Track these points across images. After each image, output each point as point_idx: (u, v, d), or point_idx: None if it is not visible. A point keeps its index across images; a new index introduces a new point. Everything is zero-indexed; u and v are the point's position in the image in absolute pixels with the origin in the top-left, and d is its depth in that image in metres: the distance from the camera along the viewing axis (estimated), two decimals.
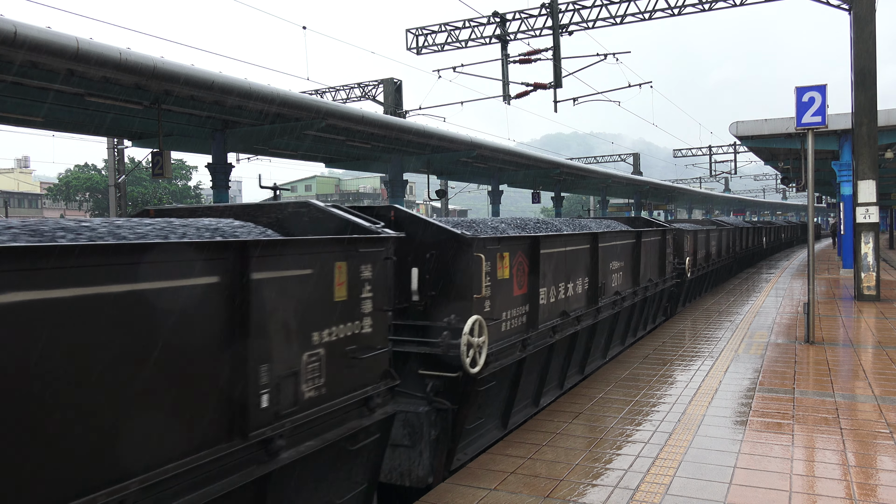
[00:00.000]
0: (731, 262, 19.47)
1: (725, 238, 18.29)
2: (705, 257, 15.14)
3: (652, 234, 10.15)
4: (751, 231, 24.32)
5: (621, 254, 8.57)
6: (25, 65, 10.42)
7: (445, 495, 4.19)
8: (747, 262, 24.17)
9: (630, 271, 8.97)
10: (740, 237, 21.13)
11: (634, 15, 20.01)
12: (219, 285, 2.73)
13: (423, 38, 23.02)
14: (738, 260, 21.17)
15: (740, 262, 21.89)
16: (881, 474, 4.44)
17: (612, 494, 4.15)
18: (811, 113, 9.12)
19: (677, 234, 12.50)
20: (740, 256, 21.23)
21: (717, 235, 16.88)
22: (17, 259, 2.05)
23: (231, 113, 14.96)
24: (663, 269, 10.76)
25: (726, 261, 18.48)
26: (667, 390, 6.65)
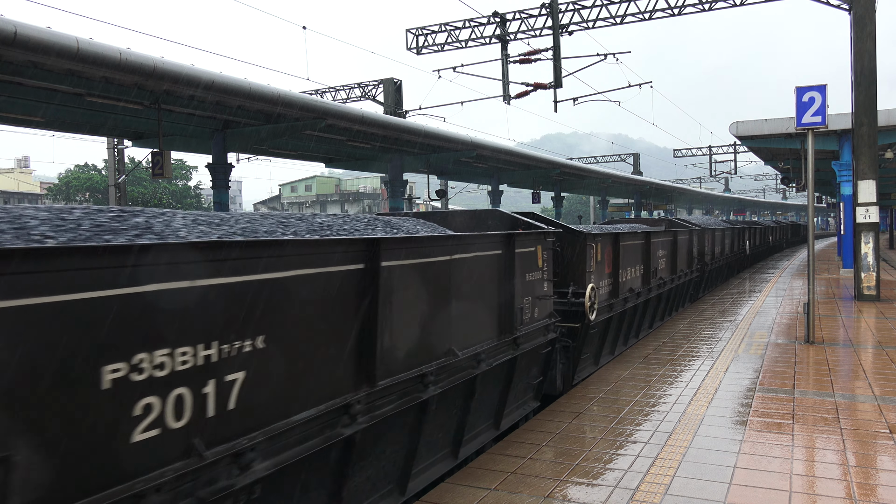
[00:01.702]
0: (690, 283, 13.43)
1: (685, 244, 12.87)
2: (638, 280, 9.61)
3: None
4: (726, 234, 18.38)
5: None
6: (25, 65, 10.42)
7: (445, 495, 4.19)
8: (722, 275, 18.29)
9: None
10: (708, 241, 15.39)
11: (634, 15, 20.01)
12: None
13: (423, 38, 23.02)
14: (711, 273, 15.95)
15: (712, 277, 16.26)
16: (881, 474, 4.44)
17: (612, 494, 4.15)
18: (811, 113, 9.12)
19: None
20: (712, 268, 15.84)
21: (664, 243, 11.15)
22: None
23: (231, 113, 14.96)
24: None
25: (682, 280, 12.42)
26: (667, 390, 6.65)
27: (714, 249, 16.36)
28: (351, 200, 76.86)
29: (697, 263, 14.05)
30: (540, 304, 5.97)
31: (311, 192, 78.53)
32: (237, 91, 12.70)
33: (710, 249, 15.87)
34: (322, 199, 77.22)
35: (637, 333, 9.90)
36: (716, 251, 16.62)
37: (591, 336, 7.35)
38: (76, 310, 2.12)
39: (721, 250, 17.62)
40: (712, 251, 16.10)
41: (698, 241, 14.31)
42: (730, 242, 19.27)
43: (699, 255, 14.39)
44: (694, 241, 13.76)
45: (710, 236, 15.89)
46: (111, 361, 2.22)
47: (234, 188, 78.05)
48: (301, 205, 78.04)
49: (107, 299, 2.21)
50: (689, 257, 13.12)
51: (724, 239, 18.20)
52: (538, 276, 5.92)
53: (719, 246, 17.37)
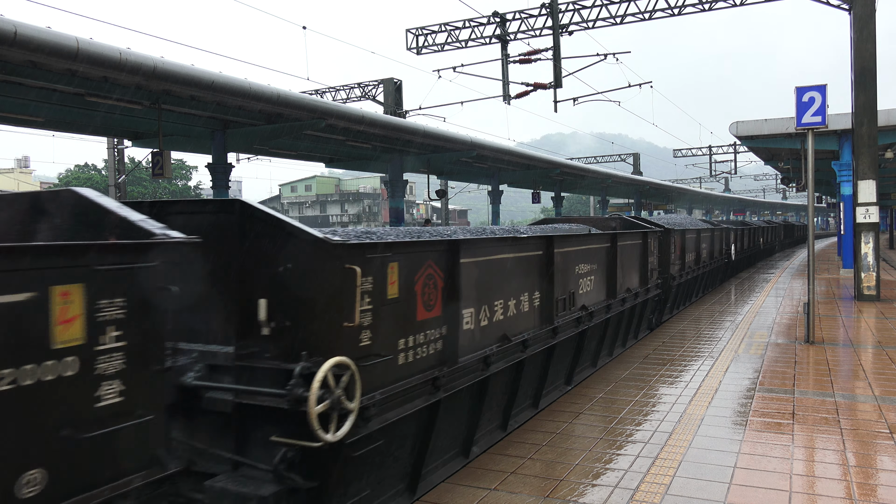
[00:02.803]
0: (644, 307, 9.85)
1: (635, 254, 9.30)
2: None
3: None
4: (703, 237, 14.88)
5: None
6: (25, 65, 10.43)
7: (445, 495, 4.19)
8: (699, 287, 14.87)
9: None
10: (675, 247, 11.91)
11: (634, 15, 20.01)
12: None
13: (423, 38, 23.02)
14: (680, 289, 12.54)
15: (682, 293, 12.92)
16: (881, 474, 4.44)
17: (612, 494, 4.15)
18: (811, 113, 9.12)
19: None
20: (682, 281, 12.31)
21: (589, 254, 7.38)
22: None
23: (231, 113, 14.96)
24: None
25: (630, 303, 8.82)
26: (667, 390, 6.65)
27: (686, 257, 12.82)
28: (351, 200, 76.85)
29: (659, 277, 10.72)
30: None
31: (311, 192, 78.56)
32: (237, 91, 12.70)
33: (680, 258, 12.33)
34: (322, 199, 77.23)
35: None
36: (688, 259, 13.05)
37: (351, 468, 3.52)
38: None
39: (696, 257, 14.05)
40: (682, 260, 12.54)
41: (660, 247, 10.91)
42: (708, 247, 15.56)
43: (661, 265, 10.96)
44: (652, 247, 10.28)
45: (679, 241, 12.31)
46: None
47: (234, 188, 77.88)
48: (301, 205, 78.04)
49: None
50: (643, 270, 9.61)
51: (700, 243, 14.55)
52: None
53: (694, 252, 13.76)
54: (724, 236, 18.22)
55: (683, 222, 14.50)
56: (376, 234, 4.53)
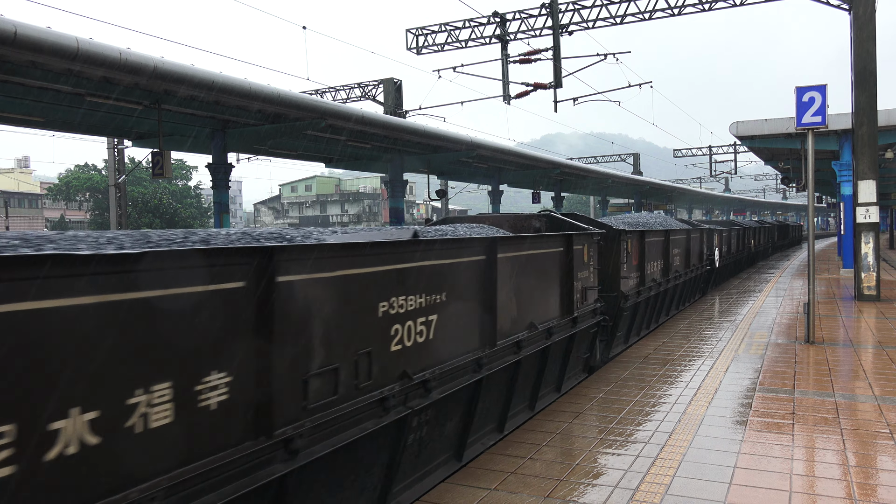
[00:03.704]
0: (556, 352, 6.62)
1: (529, 278, 5.86)
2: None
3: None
4: (674, 242, 11.72)
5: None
6: (25, 65, 10.43)
7: (445, 495, 4.19)
8: (659, 312, 11.16)
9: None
10: (623, 256, 8.74)
11: (634, 15, 20.01)
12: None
13: (423, 38, 23.02)
14: (632, 316, 9.38)
15: (639, 320, 9.84)
16: (881, 474, 4.44)
17: (612, 494, 4.15)
18: (811, 113, 9.12)
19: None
20: (636, 301, 9.20)
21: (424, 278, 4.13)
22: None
23: (231, 113, 14.96)
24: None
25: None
26: (667, 390, 6.65)
27: (648, 267, 9.78)
28: (351, 200, 76.85)
29: (601, 298, 7.88)
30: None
31: (311, 192, 78.57)
32: (237, 91, 12.70)
33: (638, 268, 9.38)
34: (322, 199, 77.23)
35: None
36: (651, 270, 9.97)
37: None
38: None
39: (665, 266, 10.95)
40: (641, 271, 9.47)
41: (602, 256, 8.20)
42: (683, 253, 12.32)
43: (606, 281, 8.32)
44: (586, 257, 7.20)
45: (636, 246, 9.30)
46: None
47: (234, 188, 78.01)
48: (301, 205, 78.07)
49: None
50: (565, 291, 6.59)
51: (671, 248, 11.25)
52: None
53: (660, 260, 10.57)
54: (706, 239, 15.14)
55: (650, 222, 11.21)
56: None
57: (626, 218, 11.63)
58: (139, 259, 2.28)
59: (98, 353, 2.15)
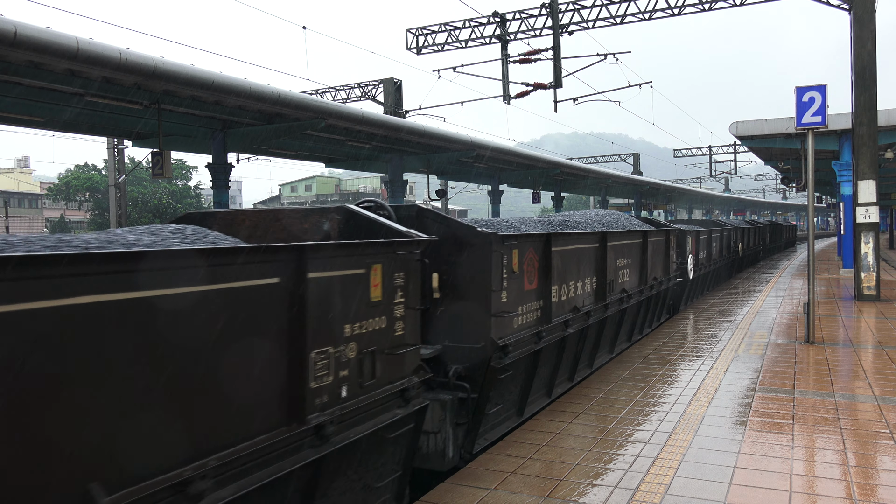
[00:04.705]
0: None
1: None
2: None
3: None
4: (623, 249, 8.49)
5: None
6: (25, 65, 10.43)
7: (445, 495, 4.19)
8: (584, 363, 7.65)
9: None
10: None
11: (634, 15, 20.02)
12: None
13: (423, 38, 23.02)
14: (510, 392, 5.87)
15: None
16: (881, 474, 4.44)
17: (612, 494, 4.15)
18: (811, 113, 9.12)
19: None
20: (550, 348, 6.23)
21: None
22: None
23: (231, 113, 14.96)
24: None
25: None
26: (667, 390, 6.65)
27: (543, 301, 6.10)
28: (351, 200, 76.87)
29: (390, 377, 4.02)
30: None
31: (311, 192, 78.58)
32: (237, 91, 12.70)
33: (514, 302, 5.50)
34: (322, 199, 77.26)
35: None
36: (566, 297, 6.62)
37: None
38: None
39: (587, 289, 7.20)
40: (542, 303, 6.08)
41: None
42: (638, 264, 9.14)
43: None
44: (399, 282, 4.03)
45: (507, 263, 5.38)
46: None
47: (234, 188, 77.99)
48: (301, 205, 78.08)
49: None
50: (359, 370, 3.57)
51: (586, 269, 7.19)
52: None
53: (587, 279, 7.19)
54: (677, 243, 11.97)
55: (587, 221, 8.29)
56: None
57: (549, 217, 8.19)
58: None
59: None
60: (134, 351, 2.38)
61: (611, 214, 9.49)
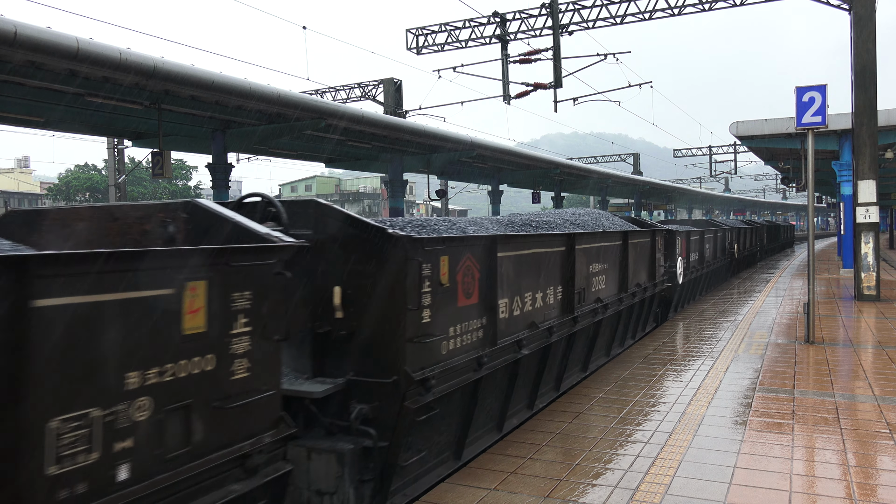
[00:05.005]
0: None
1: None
2: None
3: None
4: (592, 253, 7.05)
5: None
6: (26, 65, 10.43)
7: (445, 495, 4.19)
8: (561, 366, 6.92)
9: None
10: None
11: (634, 15, 20.02)
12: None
13: (423, 38, 23.02)
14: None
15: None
16: (881, 474, 4.44)
17: (612, 494, 4.15)
18: (811, 113, 9.12)
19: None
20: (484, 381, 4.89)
21: None
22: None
23: (231, 113, 14.96)
24: None
25: None
26: (667, 390, 6.65)
27: (487, 319, 4.83)
28: (351, 200, 76.91)
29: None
30: None
31: (311, 192, 78.59)
32: (237, 91, 12.71)
33: (433, 323, 4.22)
34: (322, 200, 77.28)
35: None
36: (539, 311, 5.72)
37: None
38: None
39: (548, 301, 5.98)
40: (486, 320, 4.83)
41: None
42: (616, 269, 7.96)
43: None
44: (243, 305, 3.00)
45: (421, 275, 4.05)
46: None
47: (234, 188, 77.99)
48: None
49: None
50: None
51: (529, 280, 5.57)
52: None
53: (547, 290, 5.92)
54: (664, 245, 10.93)
55: (556, 220, 7.49)
56: None
57: (510, 217, 7.08)
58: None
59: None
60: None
61: (589, 214, 8.74)
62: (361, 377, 3.92)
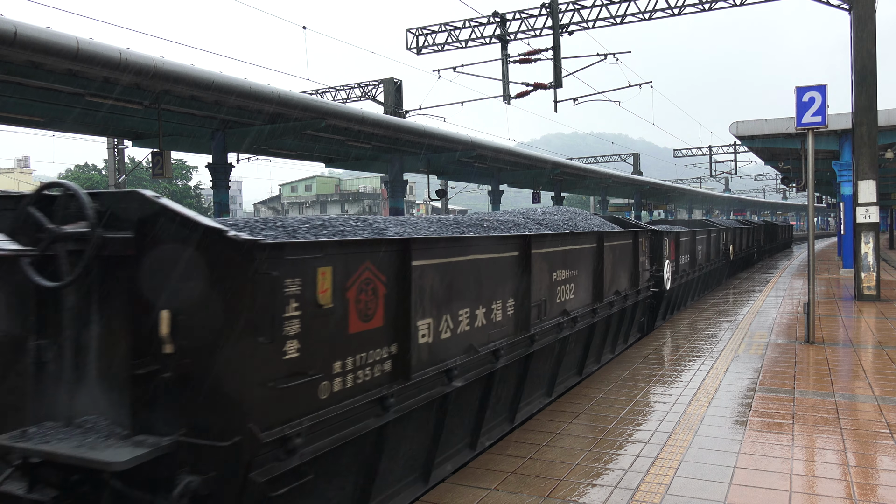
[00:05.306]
0: None
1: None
2: None
3: None
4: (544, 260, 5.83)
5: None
6: (25, 65, 10.43)
7: (445, 495, 4.19)
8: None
9: None
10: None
11: (634, 15, 20.01)
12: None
13: (423, 38, 23.02)
14: None
15: None
16: (881, 474, 4.44)
17: (612, 494, 4.15)
18: (811, 113, 9.12)
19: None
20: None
21: None
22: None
23: (231, 113, 14.97)
24: None
25: None
26: (667, 390, 6.65)
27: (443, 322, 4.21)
28: (351, 200, 76.90)
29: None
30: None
31: (311, 192, 78.60)
32: (237, 91, 12.71)
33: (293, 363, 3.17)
34: (322, 199, 77.29)
35: None
36: (480, 332, 4.71)
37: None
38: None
39: (492, 317, 4.88)
40: (413, 341, 3.89)
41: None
42: (588, 274, 7.10)
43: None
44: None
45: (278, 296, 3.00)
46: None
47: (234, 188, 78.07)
48: (301, 205, 78.11)
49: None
50: None
51: (507, 295, 5.09)
52: None
53: (499, 314, 4.95)
54: (652, 247, 10.35)
55: (516, 220, 6.57)
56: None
57: (455, 217, 6.11)
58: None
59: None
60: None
61: (562, 213, 7.88)
62: (193, 437, 2.83)
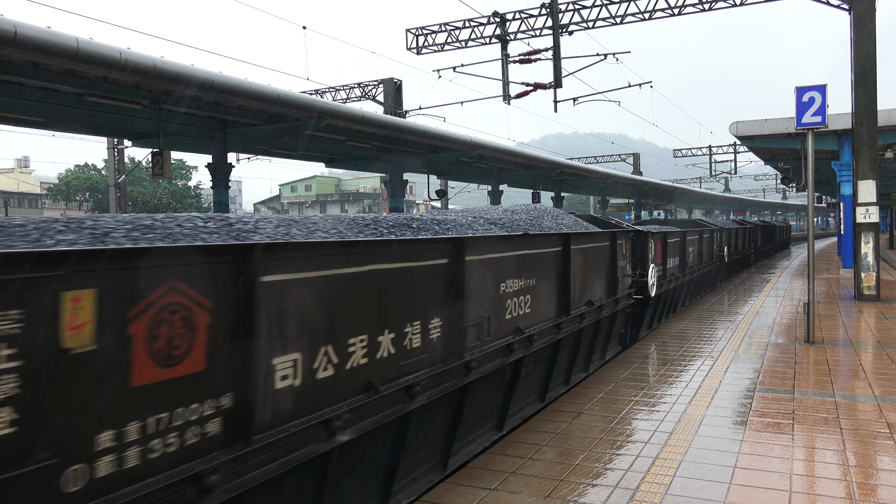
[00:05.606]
0: None
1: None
2: None
3: None
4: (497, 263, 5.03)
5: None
6: (25, 65, 10.43)
7: (445, 495, 4.19)
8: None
9: None
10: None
11: (634, 15, 20.02)
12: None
13: (423, 38, 23.02)
14: None
15: None
16: (881, 474, 4.44)
17: (612, 494, 4.15)
18: (811, 113, 9.12)
19: None
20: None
21: None
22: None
23: (231, 113, 14.96)
24: None
25: None
26: (667, 390, 6.65)
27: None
28: (351, 200, 76.89)
29: None
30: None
31: (311, 192, 78.60)
32: (237, 91, 12.71)
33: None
34: (322, 199, 77.29)
35: None
36: (387, 363, 3.67)
37: None
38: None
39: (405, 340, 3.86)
40: (266, 385, 2.85)
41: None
42: (578, 287, 6.74)
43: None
44: None
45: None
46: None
47: (234, 188, 78.13)
48: (301, 205, 78.11)
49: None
50: None
51: (433, 313, 4.13)
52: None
53: (418, 338, 3.96)
54: (634, 249, 9.64)
55: (460, 220, 5.69)
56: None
57: (376, 216, 4.87)
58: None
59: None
60: None
61: (528, 212, 7.23)
62: None
